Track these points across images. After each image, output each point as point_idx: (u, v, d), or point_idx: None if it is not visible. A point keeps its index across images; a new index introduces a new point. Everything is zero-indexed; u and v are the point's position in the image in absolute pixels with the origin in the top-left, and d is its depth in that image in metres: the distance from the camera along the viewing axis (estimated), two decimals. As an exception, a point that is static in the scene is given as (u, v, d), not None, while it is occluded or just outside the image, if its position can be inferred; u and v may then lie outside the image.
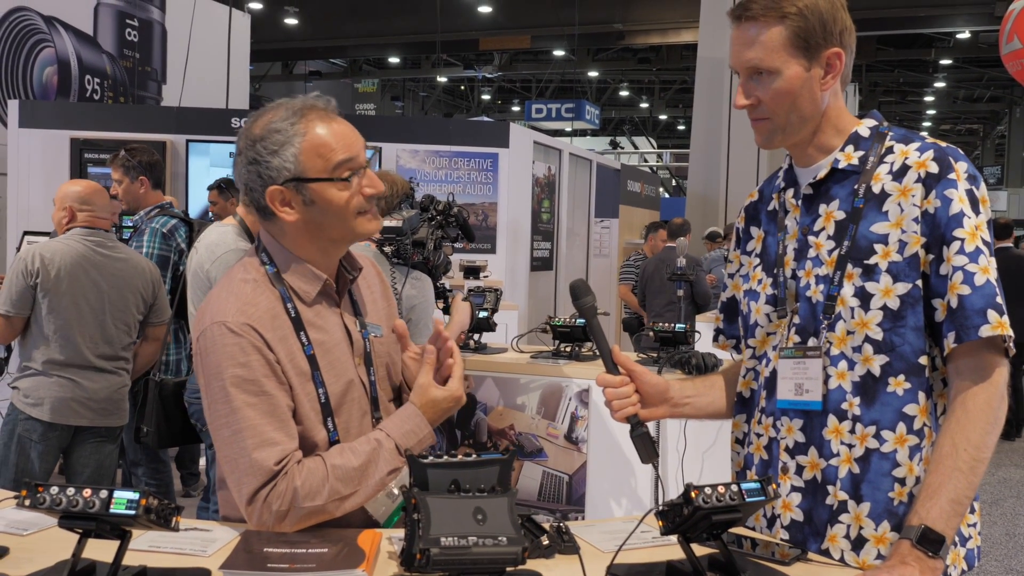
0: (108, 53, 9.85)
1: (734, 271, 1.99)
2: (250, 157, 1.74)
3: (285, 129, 1.72)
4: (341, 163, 1.73)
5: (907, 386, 1.65)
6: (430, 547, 1.30)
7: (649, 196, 13.75)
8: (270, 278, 1.78)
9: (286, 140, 1.72)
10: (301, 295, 1.78)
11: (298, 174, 1.72)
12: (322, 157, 1.73)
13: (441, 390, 1.80)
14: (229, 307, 1.71)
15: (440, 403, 1.80)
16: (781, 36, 1.67)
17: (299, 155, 1.72)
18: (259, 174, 1.73)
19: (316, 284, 1.80)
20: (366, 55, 25.42)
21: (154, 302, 3.96)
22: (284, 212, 1.74)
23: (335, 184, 1.73)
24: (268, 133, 1.73)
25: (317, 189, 1.73)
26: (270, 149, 1.72)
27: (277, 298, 1.76)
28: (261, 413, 1.66)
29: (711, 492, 1.43)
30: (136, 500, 1.33)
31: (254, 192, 1.75)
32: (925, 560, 1.47)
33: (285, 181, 1.72)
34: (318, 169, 1.73)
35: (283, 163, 1.72)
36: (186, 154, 7.63)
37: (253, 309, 1.72)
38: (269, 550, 1.53)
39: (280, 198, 1.74)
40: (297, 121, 1.73)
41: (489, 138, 8.33)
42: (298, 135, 1.72)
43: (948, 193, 1.62)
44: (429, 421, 1.79)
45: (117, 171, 4.68)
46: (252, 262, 1.81)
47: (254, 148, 1.74)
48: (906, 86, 29.44)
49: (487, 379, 4.20)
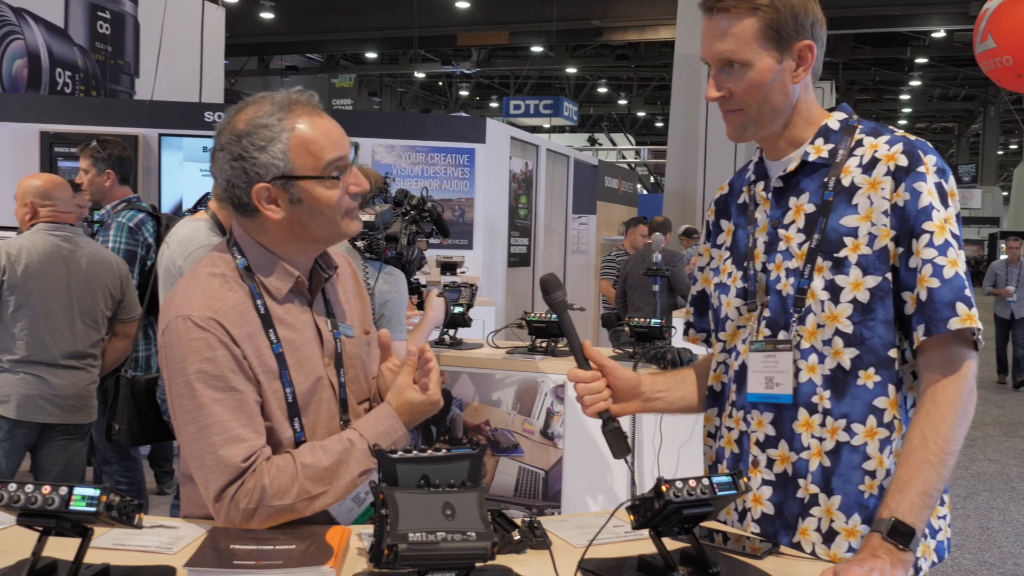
0: (79, 46, 9.73)
1: (704, 264, 1.98)
2: (235, 153, 1.68)
3: (272, 124, 1.67)
4: (331, 162, 1.69)
5: (877, 379, 1.65)
6: (398, 543, 1.28)
7: (627, 192, 13.77)
8: (240, 273, 1.74)
9: (274, 136, 1.66)
10: (272, 292, 1.74)
11: (287, 171, 1.67)
12: (312, 155, 1.68)
13: (419, 393, 1.77)
14: (195, 301, 1.67)
15: (417, 406, 1.77)
16: (753, 28, 1.66)
17: (288, 151, 1.66)
18: (245, 170, 1.67)
19: (288, 281, 1.76)
20: (343, 50, 25.31)
21: (122, 298, 3.91)
22: (270, 210, 1.69)
23: (324, 183, 1.69)
24: (254, 128, 1.67)
25: (305, 187, 1.68)
26: (257, 145, 1.66)
27: (246, 294, 1.72)
28: (228, 409, 1.63)
29: (682, 486, 1.42)
30: (96, 497, 1.31)
31: (237, 189, 1.69)
32: (896, 553, 1.47)
33: (273, 178, 1.67)
34: (308, 167, 1.68)
35: (271, 160, 1.66)
36: (158, 148, 7.56)
37: (220, 304, 1.68)
38: (236, 547, 1.50)
39: (266, 196, 1.68)
40: (284, 116, 1.67)
41: (466, 133, 8.30)
42: (286, 131, 1.67)
43: (917, 186, 1.62)
44: (404, 423, 1.76)
45: (85, 161, 4.62)
46: (222, 256, 1.77)
47: (239, 143, 1.67)
48: (882, 84, 29.68)
49: (462, 375, 4.18)
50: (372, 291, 3.26)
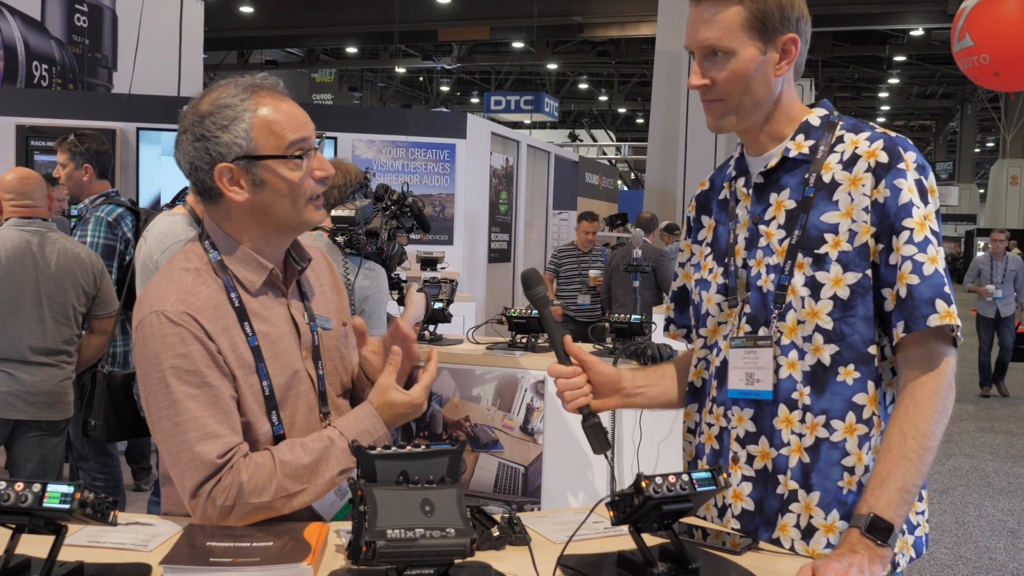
0: (56, 39, 9.63)
1: (685, 260, 1.98)
2: (197, 133, 1.67)
3: (235, 104, 1.66)
4: (294, 142, 1.68)
5: (856, 375, 1.66)
6: (376, 539, 1.27)
7: (607, 189, 13.80)
8: (213, 267, 1.72)
9: (236, 115, 1.66)
10: (246, 285, 1.73)
11: (249, 151, 1.66)
12: (275, 135, 1.67)
13: (402, 394, 1.75)
14: (168, 296, 1.66)
15: (398, 407, 1.75)
16: (739, 17, 1.66)
17: (250, 131, 1.66)
18: (207, 150, 1.66)
19: (261, 274, 1.74)
20: (323, 45, 25.22)
21: (97, 294, 3.87)
22: (232, 191, 1.68)
23: (287, 163, 1.68)
24: (217, 108, 1.67)
25: (268, 168, 1.67)
26: (220, 124, 1.66)
27: (220, 287, 1.70)
28: (202, 405, 1.61)
29: (662, 482, 1.42)
30: (70, 494, 1.29)
31: (200, 172, 1.68)
32: (874, 548, 1.47)
33: (235, 158, 1.66)
34: (270, 147, 1.67)
35: (234, 139, 1.65)
36: (136, 142, 7.50)
37: (193, 298, 1.66)
38: (212, 544, 1.49)
39: (228, 176, 1.67)
40: (248, 97, 1.67)
41: (446, 129, 8.29)
42: (249, 111, 1.66)
43: (898, 183, 1.63)
44: (385, 422, 1.75)
45: (63, 155, 4.57)
46: (195, 250, 1.75)
47: (202, 124, 1.67)
48: (861, 82, 29.88)
49: (442, 371, 4.17)
50: (352, 287, 3.24)
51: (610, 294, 7.79)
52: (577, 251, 7.95)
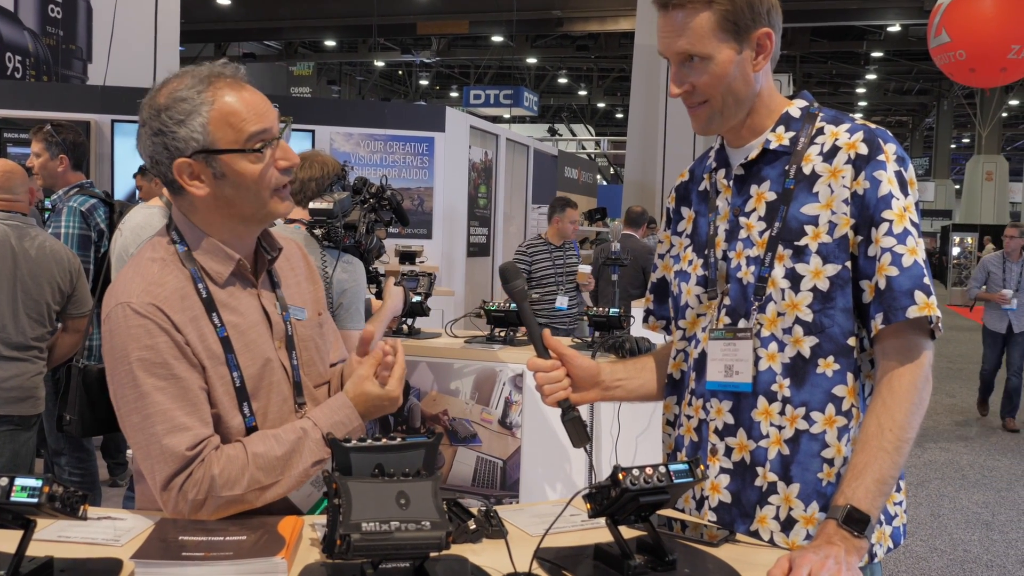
0: (30, 30, 9.51)
1: (664, 252, 1.97)
2: (155, 128, 1.64)
3: (191, 97, 1.63)
4: (254, 135, 1.65)
5: (836, 367, 1.66)
6: (351, 532, 1.25)
7: (587, 183, 13.81)
8: (180, 257, 1.69)
9: (193, 109, 1.62)
10: (213, 276, 1.70)
11: (207, 145, 1.63)
12: (232, 127, 1.64)
13: (377, 387, 1.74)
14: (134, 287, 1.63)
15: (373, 399, 1.73)
16: (710, 21, 1.64)
17: (207, 125, 1.62)
18: (165, 146, 1.63)
19: (228, 265, 1.72)
20: (301, 38, 25.06)
21: (72, 293, 3.81)
22: (193, 186, 1.65)
23: (247, 156, 1.64)
24: (173, 102, 1.63)
25: (228, 161, 1.64)
26: (176, 119, 1.62)
27: (187, 278, 1.68)
28: (171, 397, 1.59)
29: (639, 474, 1.41)
30: (39, 488, 1.26)
31: (161, 166, 1.66)
32: (851, 539, 1.48)
33: (193, 153, 1.63)
34: (228, 140, 1.63)
35: (190, 133, 1.62)
36: (111, 134, 7.42)
37: (159, 289, 1.63)
38: (185, 538, 1.47)
39: (188, 171, 1.64)
40: (204, 89, 1.63)
41: (425, 122, 8.26)
42: (206, 104, 1.63)
43: (877, 175, 1.63)
44: (360, 414, 1.73)
45: (38, 144, 4.52)
46: (161, 241, 1.73)
47: (159, 118, 1.63)
48: (838, 78, 30.04)
49: (421, 364, 4.15)
50: (330, 280, 3.21)
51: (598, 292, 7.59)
52: (550, 245, 6.89)
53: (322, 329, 1.93)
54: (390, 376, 1.75)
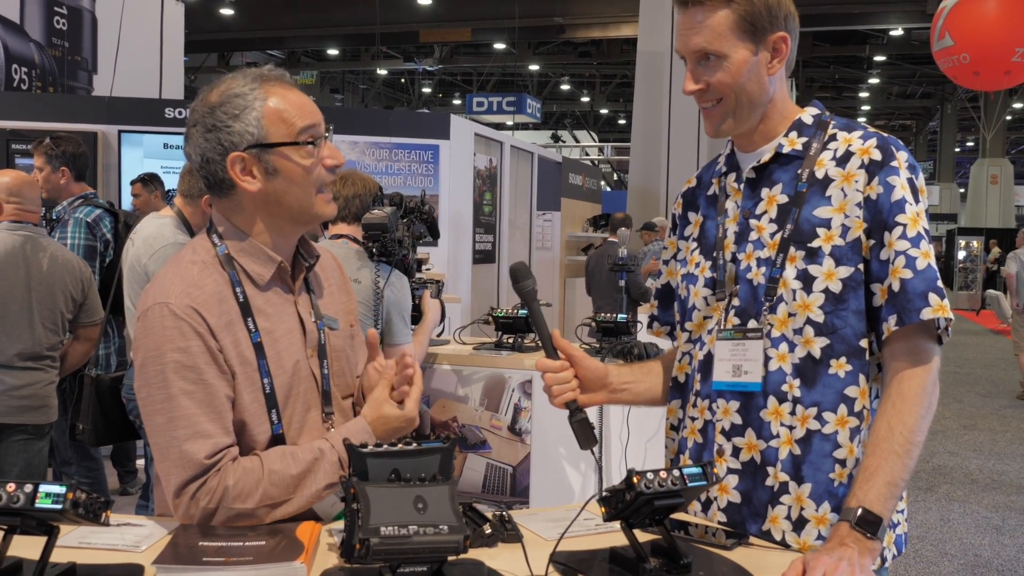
0: (36, 42, 9.55)
1: (669, 257, 1.99)
2: (208, 124, 1.67)
3: (245, 94, 1.67)
4: (305, 128, 1.69)
5: (848, 368, 1.67)
6: (370, 537, 1.27)
7: (591, 189, 13.81)
8: (220, 260, 1.72)
9: (247, 104, 1.67)
10: (254, 278, 1.72)
11: (261, 139, 1.67)
12: (285, 122, 1.68)
13: (395, 408, 1.75)
14: (174, 288, 1.65)
15: (391, 421, 1.75)
16: (728, 20, 1.67)
17: (261, 119, 1.67)
18: (219, 141, 1.67)
19: (270, 267, 1.74)
20: (304, 47, 25.14)
21: (84, 301, 3.85)
22: (245, 181, 1.68)
23: (299, 150, 1.69)
24: (227, 99, 1.68)
25: (280, 156, 1.68)
26: (231, 114, 1.67)
27: (226, 281, 1.69)
28: (197, 402, 1.61)
29: (653, 477, 1.42)
30: (63, 494, 1.28)
31: (212, 164, 1.68)
32: (864, 541, 1.49)
33: (247, 147, 1.67)
34: (281, 134, 1.68)
35: (245, 128, 1.66)
36: (118, 145, 7.45)
37: (198, 292, 1.65)
38: (205, 543, 1.48)
39: (241, 165, 1.67)
40: (257, 87, 1.68)
41: (430, 130, 8.28)
42: (259, 99, 1.68)
43: (891, 180, 1.65)
44: (378, 437, 1.74)
45: (39, 158, 4.56)
46: (202, 243, 1.75)
47: (213, 115, 1.67)
48: (841, 82, 30.05)
49: (429, 371, 4.17)
50: (382, 294, 3.27)
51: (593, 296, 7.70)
52: None
53: (353, 341, 1.94)
54: (407, 398, 1.76)
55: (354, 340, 1.95)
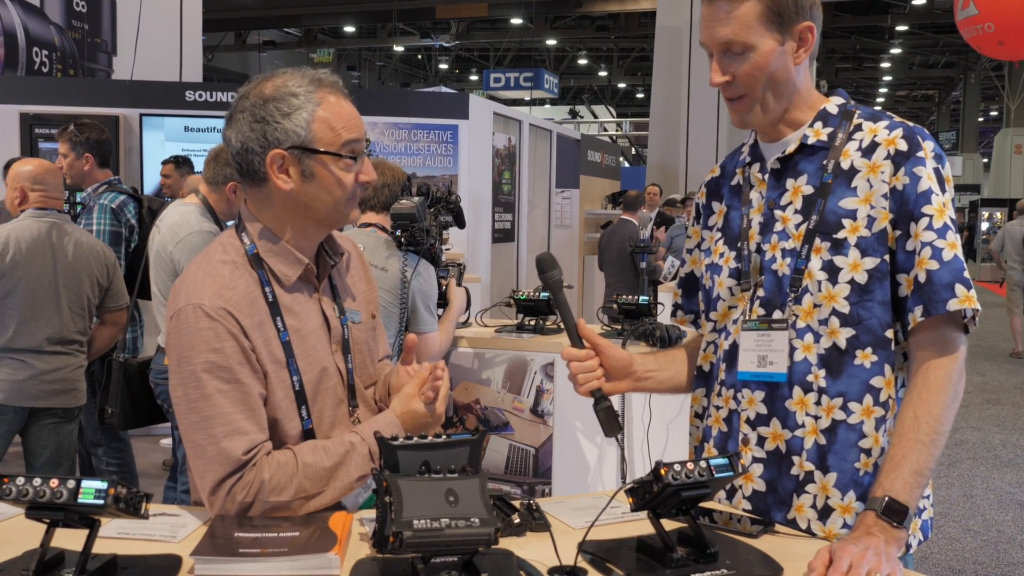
0: (56, 24, 9.60)
1: (693, 246, 2.00)
2: (258, 115, 1.69)
3: (301, 94, 1.69)
4: (348, 142, 1.71)
5: (874, 359, 1.68)
6: (403, 530, 1.30)
7: (609, 166, 13.76)
8: (249, 260, 1.74)
9: (301, 105, 1.68)
10: (281, 278, 1.75)
11: (306, 142, 1.68)
12: (333, 131, 1.70)
13: (423, 405, 1.79)
14: (206, 290, 1.67)
15: (420, 417, 1.79)
16: (755, 11, 1.67)
17: (311, 123, 1.68)
18: (265, 134, 1.68)
19: (297, 268, 1.76)
20: (321, 24, 25.08)
21: (109, 286, 3.90)
22: (280, 179, 1.70)
23: (339, 161, 1.71)
24: (283, 95, 1.69)
25: (320, 163, 1.70)
26: (283, 111, 1.68)
27: (255, 281, 1.72)
28: (232, 401, 1.63)
29: (680, 469, 1.44)
30: (104, 490, 1.32)
31: (251, 154, 1.70)
32: (890, 530, 1.50)
33: (291, 147, 1.68)
34: (327, 142, 1.69)
35: (294, 127, 1.68)
36: (140, 128, 7.49)
37: (231, 293, 1.68)
38: (240, 535, 1.52)
39: (280, 163, 1.69)
40: (313, 90, 1.70)
41: (448, 110, 8.27)
42: (312, 103, 1.69)
43: (917, 170, 1.65)
44: (406, 431, 1.77)
45: (64, 145, 4.60)
46: (232, 242, 1.77)
47: (265, 107, 1.68)
48: (863, 52, 29.66)
49: (452, 353, 4.20)
50: (408, 283, 3.30)
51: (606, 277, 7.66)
52: None
53: (375, 332, 1.97)
54: (437, 397, 1.80)
55: (375, 331, 1.98)
